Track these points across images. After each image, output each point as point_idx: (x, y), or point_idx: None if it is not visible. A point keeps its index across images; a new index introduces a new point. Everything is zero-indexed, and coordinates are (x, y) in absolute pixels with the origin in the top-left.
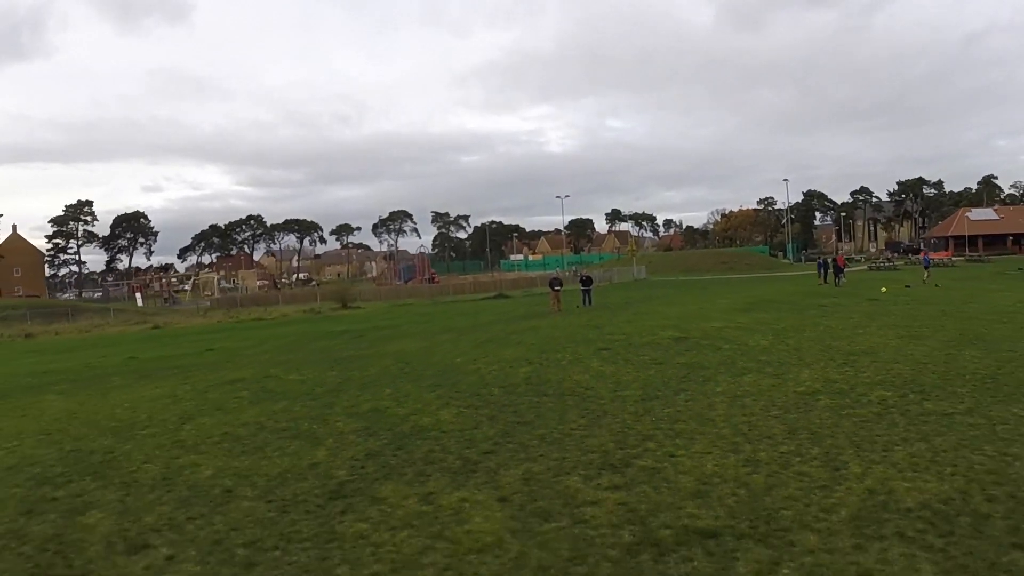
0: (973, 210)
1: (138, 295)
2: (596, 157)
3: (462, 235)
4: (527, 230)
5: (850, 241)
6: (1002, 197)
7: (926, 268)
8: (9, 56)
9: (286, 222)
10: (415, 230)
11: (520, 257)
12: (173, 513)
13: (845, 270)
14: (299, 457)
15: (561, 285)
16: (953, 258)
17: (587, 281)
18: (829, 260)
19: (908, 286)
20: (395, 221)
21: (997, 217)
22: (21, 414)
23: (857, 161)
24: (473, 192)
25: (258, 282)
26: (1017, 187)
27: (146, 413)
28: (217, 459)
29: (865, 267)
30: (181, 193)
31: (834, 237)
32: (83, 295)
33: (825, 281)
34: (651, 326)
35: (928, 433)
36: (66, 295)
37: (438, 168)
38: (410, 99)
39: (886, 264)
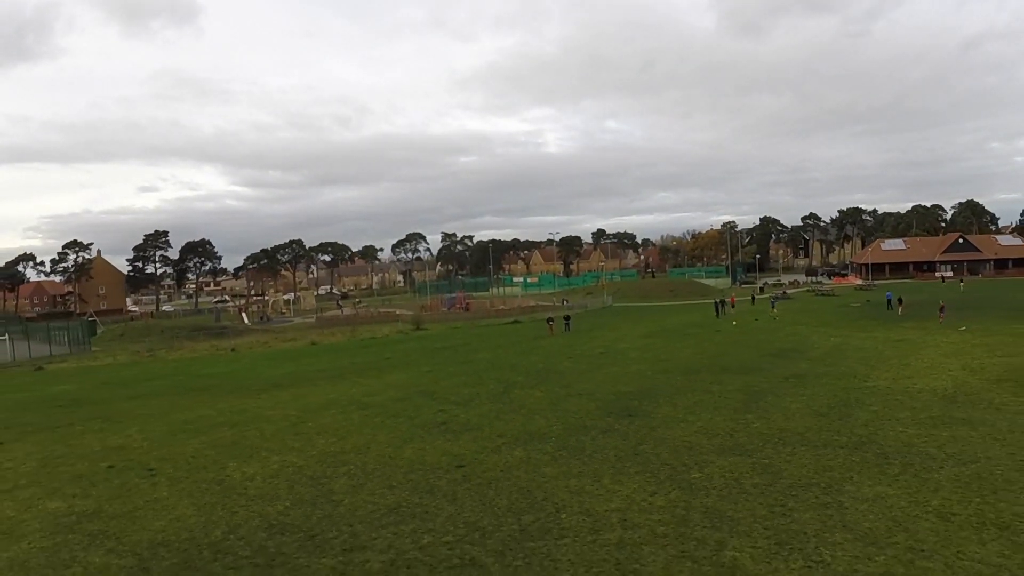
0: (886, 240)
1: (244, 315)
2: (593, 159)
3: (464, 246)
4: (522, 240)
5: (806, 257)
6: (947, 216)
7: (772, 305)
8: (14, 57)
9: (321, 244)
10: (428, 250)
11: (520, 279)
12: (469, 397)
13: (735, 306)
14: (487, 384)
15: (553, 320)
16: (833, 287)
17: (568, 318)
18: (723, 300)
19: (756, 319)
20: (411, 242)
21: (904, 247)
22: (358, 384)
23: (851, 164)
24: (469, 194)
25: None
26: (957, 207)
27: (425, 380)
28: (461, 378)
29: (767, 295)
30: (176, 193)
31: (790, 255)
32: (161, 308)
33: (719, 314)
34: (592, 345)
35: (647, 377)
36: (136, 309)
37: (436, 171)
38: (411, 102)
39: (782, 296)
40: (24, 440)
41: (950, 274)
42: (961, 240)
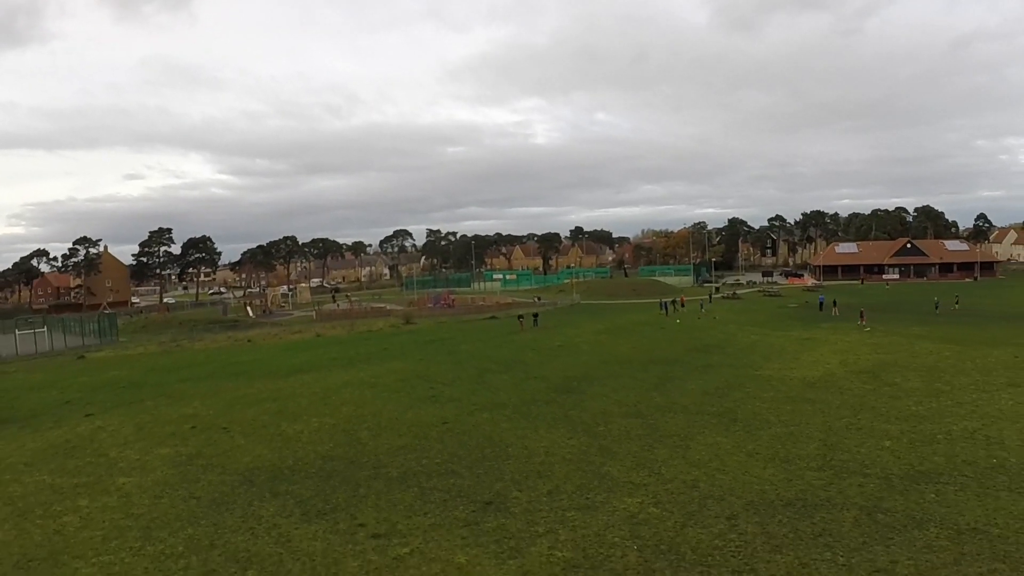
0: (840, 244)
1: (249, 308)
2: (581, 151)
3: (448, 241)
4: (504, 235)
5: (773, 256)
6: (909, 219)
7: (701, 307)
8: (4, 43)
9: (313, 240)
10: (414, 245)
11: (500, 276)
12: (464, 376)
13: (686, 305)
14: (466, 370)
15: (524, 317)
16: (781, 288)
17: (536, 315)
18: (674, 300)
19: (700, 317)
20: (397, 238)
21: (856, 250)
22: (365, 370)
23: (838, 160)
24: (456, 184)
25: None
26: (921, 211)
27: (418, 367)
28: (446, 366)
29: (720, 295)
30: (162, 181)
31: (756, 254)
32: (164, 300)
33: (667, 313)
34: (554, 340)
35: (591, 366)
36: (139, 301)
37: (424, 161)
38: (402, 91)
39: (731, 296)
40: (110, 413)
41: (896, 276)
42: (909, 245)
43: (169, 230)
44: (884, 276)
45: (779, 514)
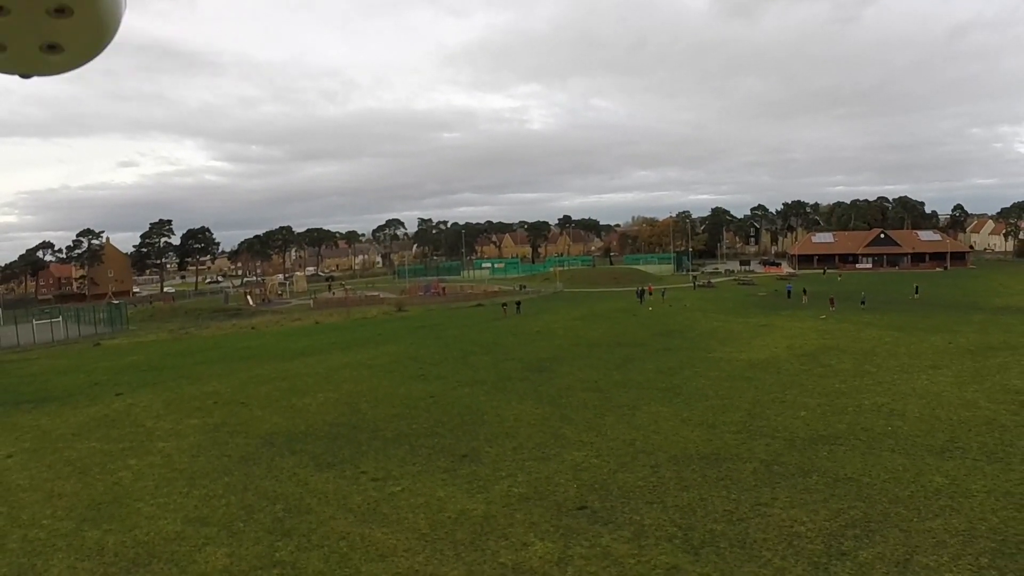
0: (817, 234)
1: (249, 297)
2: (576, 137)
3: (439, 230)
4: (494, 222)
5: (756, 245)
6: (888, 210)
7: (663, 295)
8: None
9: (308, 231)
10: (406, 234)
11: (488, 266)
12: (454, 353)
13: (653, 294)
14: (452, 352)
15: (507, 305)
16: (755, 277)
17: (519, 303)
18: (644, 287)
19: (671, 305)
20: (390, 227)
21: (832, 240)
22: (361, 353)
23: (832, 147)
24: (450, 170)
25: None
26: (898, 202)
27: (409, 350)
28: (434, 349)
29: (698, 283)
30: (156, 168)
31: (740, 243)
32: (164, 289)
33: (642, 301)
34: (533, 326)
35: (563, 348)
36: (139, 290)
37: (418, 146)
38: (398, 76)
39: (706, 285)
40: (138, 392)
41: (869, 266)
42: (883, 235)
43: (169, 221)
44: (858, 265)
45: (694, 464)
